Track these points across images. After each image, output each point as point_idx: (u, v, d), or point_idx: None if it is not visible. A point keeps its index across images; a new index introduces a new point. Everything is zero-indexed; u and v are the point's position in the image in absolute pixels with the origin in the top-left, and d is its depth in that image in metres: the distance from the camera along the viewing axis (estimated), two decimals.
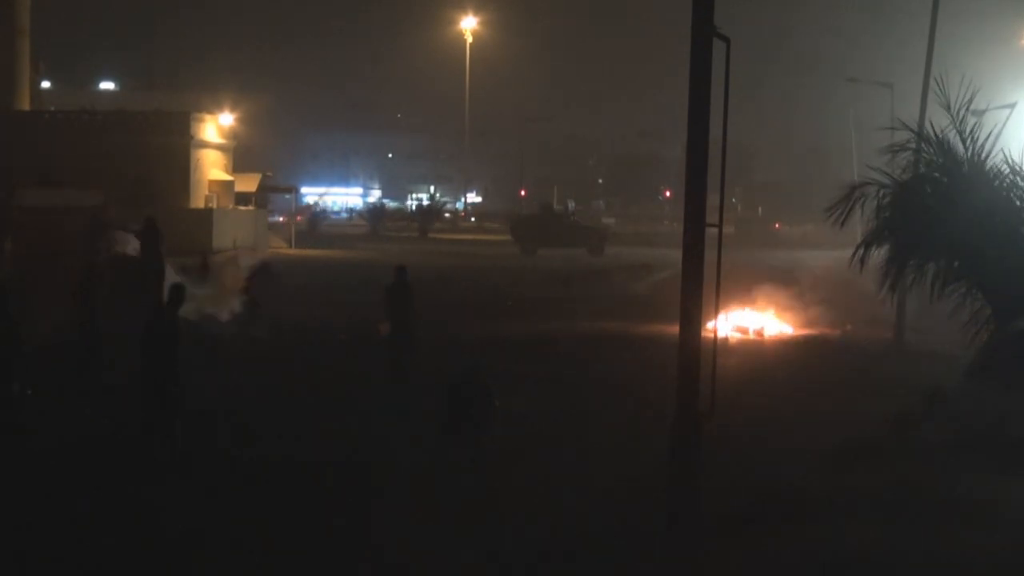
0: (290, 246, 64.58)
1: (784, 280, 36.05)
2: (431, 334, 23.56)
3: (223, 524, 12.38)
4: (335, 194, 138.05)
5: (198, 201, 60.17)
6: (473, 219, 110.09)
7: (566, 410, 18.42)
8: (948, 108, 14.20)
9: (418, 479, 13.97)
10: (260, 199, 66.06)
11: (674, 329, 11.08)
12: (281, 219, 77.23)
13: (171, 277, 29.07)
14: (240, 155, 67.65)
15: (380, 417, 17.50)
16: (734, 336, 27.99)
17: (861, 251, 14.53)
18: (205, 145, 61.63)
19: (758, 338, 28.54)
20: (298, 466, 14.70)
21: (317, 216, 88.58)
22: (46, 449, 15.38)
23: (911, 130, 14.79)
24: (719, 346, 12.10)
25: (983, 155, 14.12)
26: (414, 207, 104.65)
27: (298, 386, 20.05)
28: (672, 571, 10.88)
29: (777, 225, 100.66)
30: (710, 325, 12.59)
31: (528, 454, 15.24)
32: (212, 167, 62.27)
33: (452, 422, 14.97)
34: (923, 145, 14.60)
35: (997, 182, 14.08)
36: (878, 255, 14.53)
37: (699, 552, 11.03)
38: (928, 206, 14.38)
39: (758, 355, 25.64)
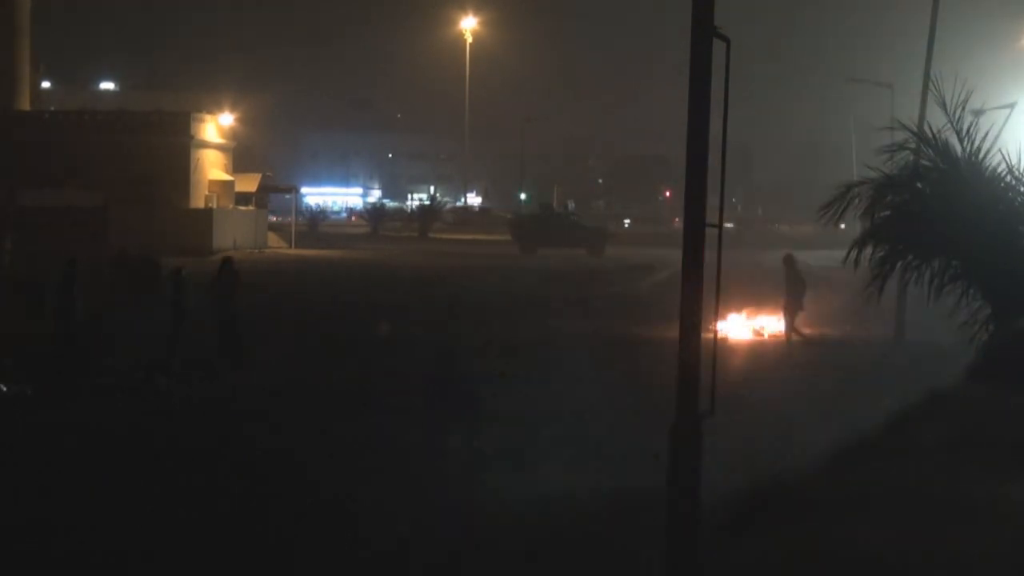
0: (290, 246, 64.60)
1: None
2: (430, 335, 23.57)
3: (219, 516, 12.42)
4: (333, 195, 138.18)
5: (198, 201, 60.17)
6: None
7: (565, 410, 18.42)
8: (945, 108, 14.19)
9: (411, 481, 13.97)
10: (260, 199, 66.10)
11: (674, 329, 11.09)
12: (273, 219, 77.18)
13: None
14: (240, 155, 67.70)
15: (367, 415, 17.54)
16: (734, 336, 27.99)
17: (856, 250, 14.49)
18: (205, 145, 61.64)
19: (758, 338, 28.54)
20: (283, 454, 14.77)
21: (316, 216, 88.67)
22: (33, 444, 15.45)
23: (909, 130, 14.78)
24: (719, 346, 12.10)
25: (981, 155, 14.12)
26: (415, 207, 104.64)
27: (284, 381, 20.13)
28: (671, 571, 10.87)
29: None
30: (710, 325, 12.59)
31: (526, 453, 15.24)
32: (212, 167, 62.28)
33: (437, 419, 14.84)
34: (921, 145, 14.59)
35: (995, 181, 14.08)
36: (875, 254, 14.49)
37: (698, 552, 11.02)
38: (926, 205, 14.38)
39: (758, 355, 25.65)
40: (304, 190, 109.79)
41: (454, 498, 13.25)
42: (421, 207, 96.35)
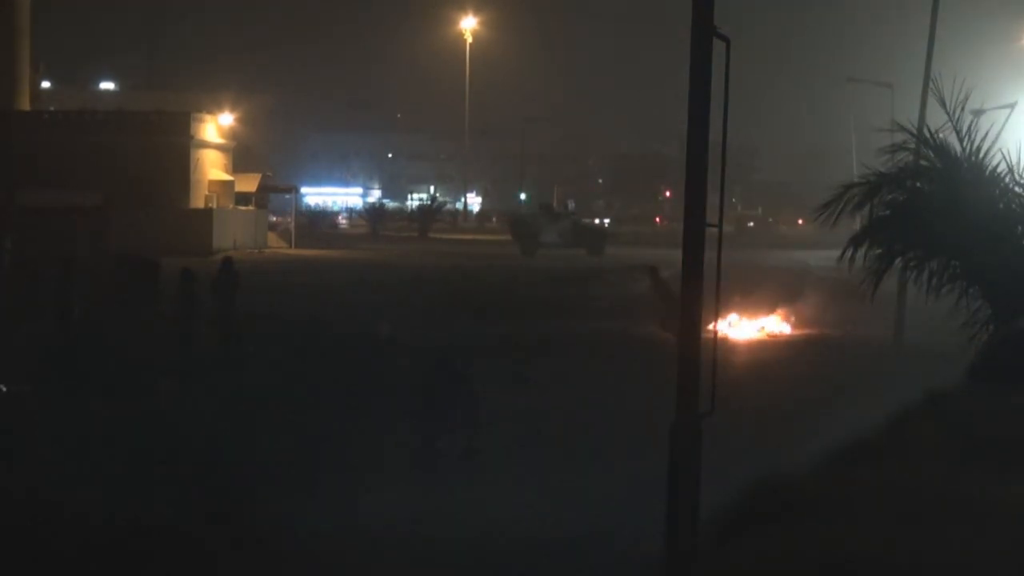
0: (290, 246, 64.59)
1: (783, 280, 36.05)
2: (428, 335, 23.62)
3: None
4: (333, 195, 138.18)
5: (198, 201, 60.16)
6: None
7: (563, 410, 18.43)
8: (945, 107, 14.17)
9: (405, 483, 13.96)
10: (260, 199, 66.10)
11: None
12: (275, 219, 77.17)
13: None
14: (240, 155, 67.69)
15: (364, 416, 17.51)
16: (735, 336, 28.00)
17: (851, 250, 14.46)
18: (205, 145, 61.63)
19: (758, 338, 28.55)
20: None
21: (316, 216, 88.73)
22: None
23: (908, 131, 14.78)
24: (719, 346, 12.10)
25: (981, 154, 14.11)
26: (415, 207, 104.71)
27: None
28: (671, 571, 10.87)
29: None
30: (710, 325, 12.58)
31: (522, 453, 15.23)
32: (212, 167, 62.27)
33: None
34: (921, 145, 14.58)
35: (995, 181, 14.07)
36: (870, 252, 14.46)
37: (698, 553, 11.02)
38: (925, 205, 14.37)
39: (758, 355, 25.66)
40: (304, 190, 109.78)
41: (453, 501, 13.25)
42: (421, 207, 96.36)
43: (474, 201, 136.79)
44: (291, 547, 11.66)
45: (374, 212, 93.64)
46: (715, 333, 12.24)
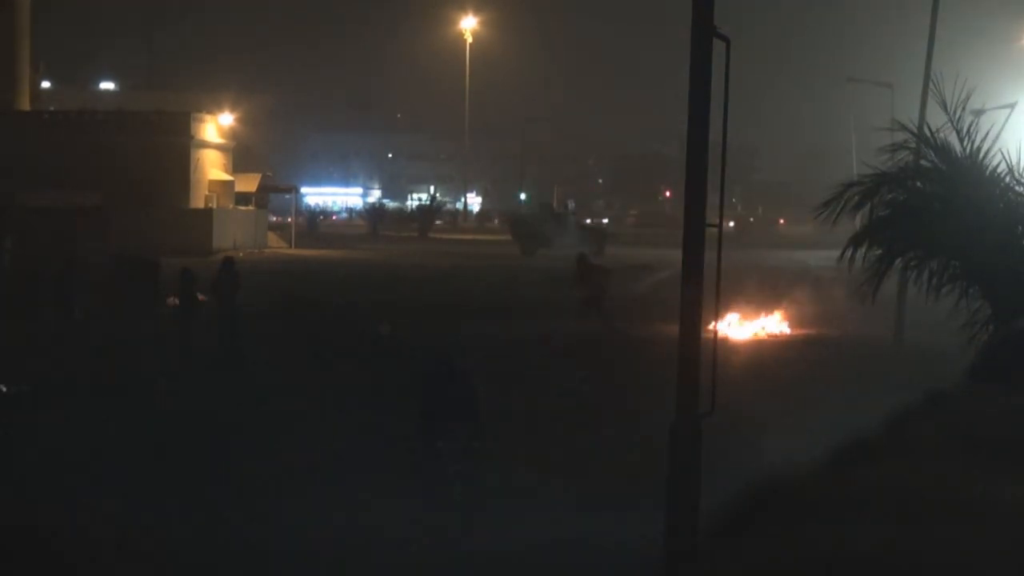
0: (290, 246, 64.58)
1: (782, 280, 36.06)
2: (428, 334, 23.64)
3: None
4: (333, 195, 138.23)
5: (198, 201, 60.16)
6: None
7: (564, 409, 18.42)
8: (945, 107, 14.17)
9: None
10: (260, 199, 66.10)
11: (674, 329, 11.10)
12: (274, 219, 77.16)
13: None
14: (240, 155, 67.68)
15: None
16: (734, 336, 27.98)
17: (851, 250, 14.44)
18: (205, 145, 61.63)
19: (758, 338, 28.53)
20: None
21: (315, 216, 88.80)
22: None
23: (909, 130, 14.77)
24: (719, 346, 12.09)
25: (981, 154, 14.10)
26: (415, 207, 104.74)
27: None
28: (671, 572, 10.87)
29: (782, 221, 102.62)
30: (710, 325, 12.57)
31: (522, 453, 15.22)
32: (212, 167, 62.27)
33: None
34: (921, 145, 14.57)
35: (995, 181, 14.07)
36: (870, 252, 14.44)
37: (698, 553, 11.01)
38: (925, 204, 14.37)
39: (758, 355, 25.64)
40: (304, 190, 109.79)
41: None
42: (421, 207, 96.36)
43: (474, 201, 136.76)
44: (288, 548, 11.66)
45: (373, 212, 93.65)
46: (715, 333, 12.23)
